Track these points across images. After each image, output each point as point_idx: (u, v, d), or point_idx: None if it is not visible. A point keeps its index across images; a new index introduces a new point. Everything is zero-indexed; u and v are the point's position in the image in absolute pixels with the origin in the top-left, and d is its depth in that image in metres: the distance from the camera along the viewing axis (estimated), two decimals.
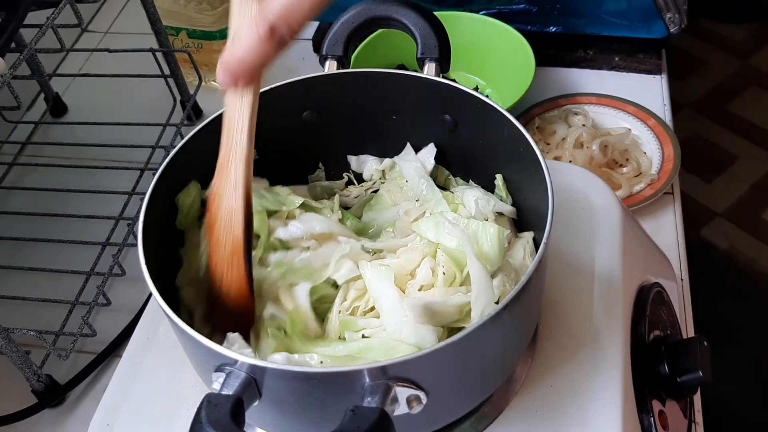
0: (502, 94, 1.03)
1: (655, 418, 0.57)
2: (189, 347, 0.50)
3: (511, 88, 0.98)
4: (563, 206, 0.62)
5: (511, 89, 0.98)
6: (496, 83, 1.05)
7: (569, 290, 0.61)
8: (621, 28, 1.06)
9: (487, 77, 1.07)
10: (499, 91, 1.04)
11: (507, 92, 0.99)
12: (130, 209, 0.93)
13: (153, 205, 0.53)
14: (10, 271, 0.90)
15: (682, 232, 0.89)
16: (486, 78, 1.07)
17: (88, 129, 1.08)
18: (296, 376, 0.43)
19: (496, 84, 1.05)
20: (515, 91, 0.96)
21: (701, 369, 0.59)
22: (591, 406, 0.54)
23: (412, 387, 0.43)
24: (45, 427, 0.78)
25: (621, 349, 0.57)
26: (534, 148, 0.52)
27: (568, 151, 0.94)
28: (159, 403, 0.58)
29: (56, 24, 0.80)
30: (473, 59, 1.05)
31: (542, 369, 0.57)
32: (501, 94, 1.03)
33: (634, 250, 0.66)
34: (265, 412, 0.47)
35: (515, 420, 0.54)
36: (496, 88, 1.05)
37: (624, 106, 1.00)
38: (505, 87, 1.02)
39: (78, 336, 0.79)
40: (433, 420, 0.51)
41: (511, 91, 0.97)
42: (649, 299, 0.63)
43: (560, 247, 0.62)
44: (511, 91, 0.98)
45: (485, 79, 1.07)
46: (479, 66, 1.06)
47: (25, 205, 0.99)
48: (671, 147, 0.94)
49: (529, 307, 0.50)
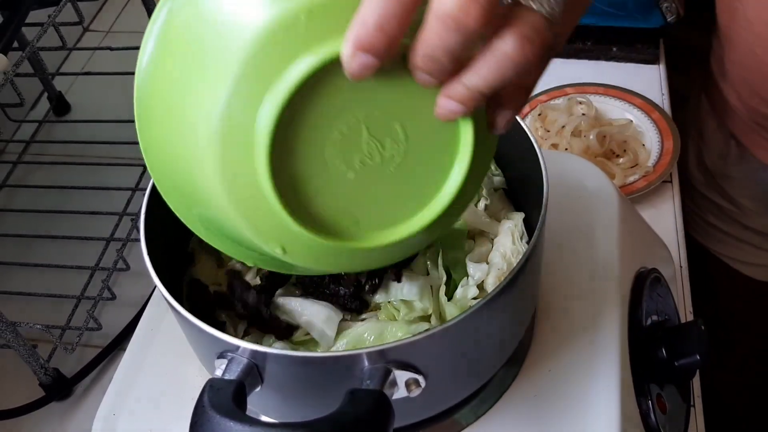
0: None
1: (653, 401, 0.58)
2: (192, 335, 0.50)
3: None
4: (559, 193, 0.63)
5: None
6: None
7: (566, 276, 0.61)
8: (618, 19, 1.07)
9: None
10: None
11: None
12: (133, 205, 0.94)
13: (155, 199, 0.53)
14: (17, 268, 0.92)
15: (681, 220, 0.90)
16: None
17: (91, 127, 1.09)
18: (296, 361, 0.43)
19: None
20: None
21: (699, 353, 0.60)
22: (589, 390, 0.55)
23: (410, 370, 0.44)
24: (52, 419, 0.80)
25: (618, 334, 0.58)
26: (529, 136, 0.53)
27: (565, 139, 0.94)
28: (164, 393, 0.59)
29: (58, 22, 0.81)
30: None
31: (541, 354, 0.57)
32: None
33: (631, 236, 0.67)
34: (267, 397, 0.47)
35: (514, 404, 0.55)
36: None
37: (630, 97, 1.01)
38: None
39: (84, 330, 0.80)
40: (432, 404, 0.51)
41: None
42: (647, 285, 0.64)
43: (556, 233, 0.63)
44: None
45: None
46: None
47: (30, 202, 1.00)
48: (671, 141, 0.94)
49: (526, 290, 0.51)
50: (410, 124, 0.39)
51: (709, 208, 1.05)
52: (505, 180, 0.62)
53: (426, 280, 0.53)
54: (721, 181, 1.01)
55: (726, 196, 1.01)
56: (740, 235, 1.03)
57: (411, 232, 0.42)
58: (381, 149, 0.39)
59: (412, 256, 0.54)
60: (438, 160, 0.41)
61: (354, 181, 0.39)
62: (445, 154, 0.41)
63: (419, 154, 0.40)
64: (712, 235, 1.06)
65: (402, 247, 0.43)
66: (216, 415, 0.39)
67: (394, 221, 0.42)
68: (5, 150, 1.10)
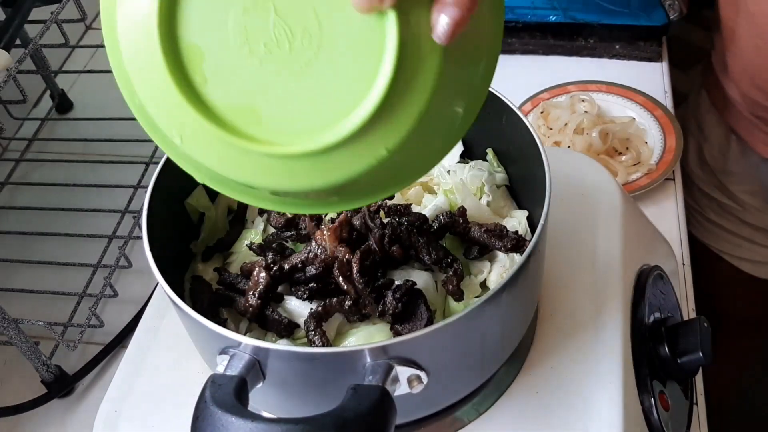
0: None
1: (655, 398, 0.58)
2: (194, 331, 0.50)
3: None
4: (562, 190, 0.63)
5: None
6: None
7: (568, 273, 0.61)
8: (621, 16, 1.07)
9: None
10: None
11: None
12: (135, 203, 0.94)
13: (157, 197, 0.54)
14: (19, 265, 0.92)
15: (683, 218, 0.90)
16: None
17: (94, 125, 1.09)
18: (298, 357, 0.44)
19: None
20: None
21: (701, 350, 0.60)
22: (592, 387, 0.55)
23: (413, 367, 0.44)
24: (54, 416, 0.80)
25: (621, 331, 0.58)
26: (533, 134, 0.53)
27: (568, 136, 0.94)
28: (165, 390, 0.59)
29: (60, 19, 0.81)
30: None
31: (543, 351, 0.57)
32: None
33: (634, 233, 0.67)
34: (270, 393, 0.47)
35: (517, 401, 0.55)
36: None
37: (633, 95, 1.00)
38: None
39: (86, 327, 0.80)
40: (434, 401, 0.51)
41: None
42: (649, 282, 0.64)
43: (559, 230, 0.63)
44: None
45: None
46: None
47: (33, 200, 1.00)
48: (674, 138, 0.94)
49: (528, 287, 0.51)
50: (326, 14, 0.34)
51: (709, 204, 1.05)
52: (507, 177, 0.61)
53: (431, 275, 0.53)
54: (721, 176, 1.01)
55: (726, 192, 1.01)
56: (740, 231, 1.03)
57: (316, 148, 0.36)
58: (290, 37, 0.35)
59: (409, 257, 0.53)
60: (358, 67, 0.35)
61: (258, 71, 0.36)
62: (367, 60, 0.35)
63: (335, 53, 0.35)
64: (712, 232, 1.06)
65: (314, 169, 0.38)
66: (218, 411, 0.39)
67: (301, 130, 0.37)
68: (8, 147, 1.10)
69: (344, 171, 0.38)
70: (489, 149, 0.62)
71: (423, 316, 0.49)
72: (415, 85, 0.36)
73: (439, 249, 0.52)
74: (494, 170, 0.61)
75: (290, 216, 0.57)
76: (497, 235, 0.53)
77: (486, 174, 0.60)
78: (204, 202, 0.61)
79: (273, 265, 0.52)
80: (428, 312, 0.49)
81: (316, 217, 0.56)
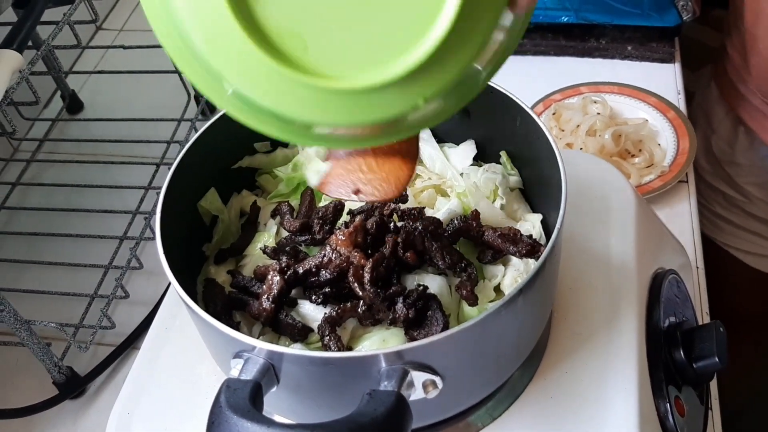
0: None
1: (671, 404, 0.57)
2: (208, 335, 0.50)
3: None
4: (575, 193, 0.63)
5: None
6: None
7: (583, 277, 0.61)
8: (633, 17, 1.06)
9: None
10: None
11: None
12: (146, 204, 0.94)
13: (169, 198, 0.53)
14: (31, 266, 0.92)
15: (697, 220, 0.89)
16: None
17: (104, 125, 1.10)
18: (313, 361, 0.43)
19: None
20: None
21: (717, 355, 0.59)
22: (607, 392, 0.54)
23: (428, 371, 0.43)
24: (66, 417, 0.80)
25: (636, 336, 0.57)
26: (548, 137, 0.53)
27: (580, 138, 0.94)
28: (178, 392, 0.59)
29: (72, 21, 0.81)
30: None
31: (557, 355, 0.57)
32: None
33: (648, 237, 0.66)
34: (283, 397, 0.47)
35: (531, 406, 0.55)
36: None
37: (645, 96, 1.00)
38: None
39: (97, 328, 0.80)
40: (448, 406, 0.51)
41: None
42: (664, 286, 0.63)
43: (573, 233, 0.62)
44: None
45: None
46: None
47: (44, 200, 1.01)
48: (687, 140, 0.93)
49: (543, 291, 0.50)
50: None
51: (715, 197, 1.05)
52: (521, 180, 0.61)
53: (445, 279, 0.53)
54: (728, 168, 1.01)
55: (733, 184, 1.01)
56: (746, 224, 1.03)
57: (369, 84, 0.34)
58: None
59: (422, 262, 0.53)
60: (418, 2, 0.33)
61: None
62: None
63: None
64: (719, 226, 1.06)
65: (345, 107, 0.36)
66: (233, 416, 0.39)
67: (350, 64, 0.34)
68: (19, 148, 1.10)
69: (374, 113, 0.36)
70: (503, 152, 0.62)
71: (438, 321, 0.49)
72: (476, 27, 0.34)
73: (453, 253, 0.52)
74: (508, 173, 0.61)
75: (304, 220, 0.57)
76: (512, 239, 0.53)
77: (500, 177, 0.60)
78: (217, 205, 0.61)
79: (287, 269, 0.51)
80: (443, 317, 0.49)
81: (329, 221, 0.56)
